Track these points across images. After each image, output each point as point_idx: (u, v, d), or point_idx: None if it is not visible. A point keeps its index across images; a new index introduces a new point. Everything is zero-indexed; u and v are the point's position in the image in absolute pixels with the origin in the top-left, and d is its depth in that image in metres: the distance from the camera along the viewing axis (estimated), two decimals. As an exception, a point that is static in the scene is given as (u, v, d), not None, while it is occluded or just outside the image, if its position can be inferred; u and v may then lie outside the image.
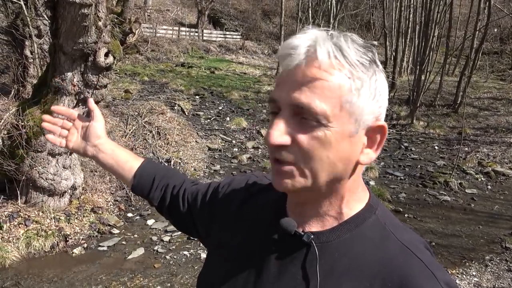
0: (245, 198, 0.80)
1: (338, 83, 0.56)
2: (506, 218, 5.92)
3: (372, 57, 0.59)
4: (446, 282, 0.58)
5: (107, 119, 7.77)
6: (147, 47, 16.56)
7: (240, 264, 0.71)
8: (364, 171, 3.31)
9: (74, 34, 4.09)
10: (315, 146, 0.57)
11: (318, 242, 0.63)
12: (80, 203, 5.03)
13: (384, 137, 0.61)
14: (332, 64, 0.56)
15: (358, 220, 0.64)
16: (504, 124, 11.25)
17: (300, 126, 0.58)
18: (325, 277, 0.61)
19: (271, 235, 0.68)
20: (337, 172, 0.60)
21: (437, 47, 14.13)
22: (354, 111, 0.57)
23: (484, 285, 3.92)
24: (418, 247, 0.63)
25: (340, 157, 0.59)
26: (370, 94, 0.58)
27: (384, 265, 0.60)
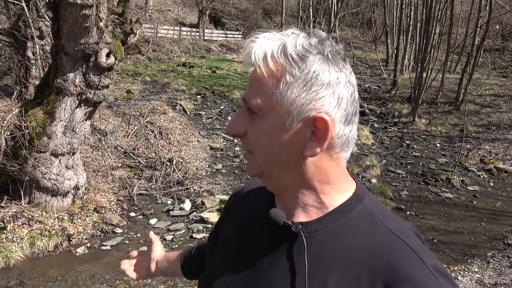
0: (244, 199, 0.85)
1: (271, 79, 0.61)
2: (508, 215, 5.91)
3: (321, 49, 0.62)
4: (434, 267, 0.59)
5: (109, 119, 7.81)
6: (149, 47, 16.59)
7: (235, 259, 0.73)
8: (366, 169, 3.33)
9: (76, 35, 4.12)
10: (258, 136, 0.64)
11: (306, 232, 0.65)
12: (83, 203, 5.06)
13: (328, 130, 0.61)
14: (267, 63, 0.61)
15: (345, 209, 0.65)
16: (506, 121, 11.22)
17: (250, 119, 0.65)
18: (313, 266, 0.62)
19: (263, 227, 0.70)
20: (283, 162, 0.64)
21: (439, 44, 14.10)
22: (284, 103, 0.61)
23: (486, 282, 3.92)
24: (407, 233, 0.64)
25: (280, 147, 0.63)
26: (304, 85, 0.60)
27: (372, 252, 0.61)
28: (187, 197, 5.84)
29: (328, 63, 0.61)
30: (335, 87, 0.61)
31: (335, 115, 0.61)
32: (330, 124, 0.61)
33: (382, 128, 11.23)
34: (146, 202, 5.73)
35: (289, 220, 0.67)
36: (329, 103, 0.61)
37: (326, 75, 0.61)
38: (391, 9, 20.09)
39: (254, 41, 0.63)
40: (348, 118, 0.63)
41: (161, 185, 6.21)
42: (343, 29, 24.11)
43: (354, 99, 0.64)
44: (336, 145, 0.63)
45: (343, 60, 0.64)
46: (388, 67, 18.05)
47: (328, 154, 0.64)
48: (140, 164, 6.76)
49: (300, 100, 0.60)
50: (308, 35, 0.63)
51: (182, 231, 4.91)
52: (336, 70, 0.62)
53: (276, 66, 0.61)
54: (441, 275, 0.59)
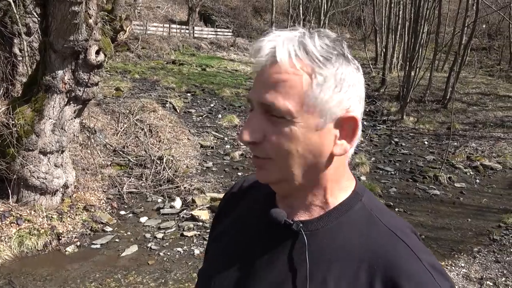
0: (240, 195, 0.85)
1: (299, 80, 0.60)
2: (494, 211, 6.04)
3: (340, 50, 0.62)
4: (431, 264, 0.61)
5: (98, 117, 7.73)
6: (138, 44, 16.46)
7: (234, 256, 0.74)
8: (355, 167, 3.39)
9: (65, 32, 4.08)
10: (284, 141, 0.61)
11: (307, 230, 0.66)
12: (72, 202, 5.02)
13: (357, 128, 0.63)
14: (293, 63, 0.60)
15: (344, 207, 0.67)
16: (492, 119, 11.43)
17: (270, 123, 0.62)
18: (314, 263, 0.64)
19: (262, 226, 0.71)
20: (310, 164, 0.63)
21: (427, 43, 14.28)
22: (317, 105, 0.60)
23: (473, 276, 4.01)
24: (404, 231, 0.66)
25: (310, 150, 0.62)
26: (335, 87, 0.61)
27: (370, 249, 0.63)
28: (178, 195, 5.84)
29: (349, 64, 0.63)
30: (357, 87, 0.63)
31: (358, 114, 0.64)
32: (359, 122, 0.63)
33: (371, 126, 11.34)
34: (136, 200, 5.71)
35: (289, 218, 0.67)
36: (355, 102, 0.63)
37: (351, 76, 0.62)
38: (380, 7, 20.23)
39: (271, 39, 0.62)
40: (362, 115, 0.66)
41: (151, 183, 6.19)
42: (333, 27, 24.21)
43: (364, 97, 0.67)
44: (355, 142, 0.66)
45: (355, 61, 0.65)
46: (377, 66, 18.20)
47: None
48: (130, 162, 6.72)
49: (333, 101, 0.61)
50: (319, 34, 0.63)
51: (172, 229, 4.91)
52: (355, 70, 0.64)
53: (303, 65, 0.60)
54: (437, 271, 0.61)
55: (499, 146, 9.55)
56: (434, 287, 0.59)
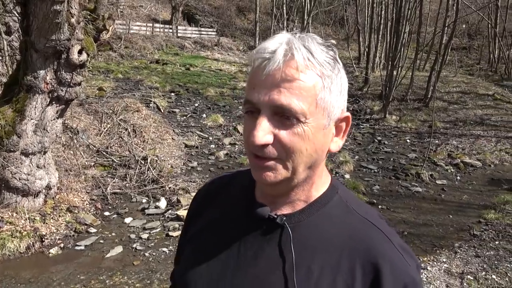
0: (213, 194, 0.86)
1: (312, 83, 0.63)
2: (474, 207, 6.20)
3: (333, 55, 0.67)
4: (400, 245, 0.69)
5: (81, 118, 7.62)
6: (121, 44, 16.26)
7: (215, 254, 0.75)
8: (339, 165, 3.46)
9: (46, 31, 4.01)
10: (296, 141, 0.64)
11: (290, 223, 0.70)
12: (55, 203, 4.94)
13: (349, 125, 0.70)
14: (307, 65, 0.62)
15: (323, 200, 0.72)
16: (472, 117, 11.71)
17: (281, 124, 0.64)
18: (299, 253, 0.68)
19: (244, 221, 0.74)
20: (312, 162, 0.68)
21: (408, 43, 14.51)
22: (326, 107, 0.65)
23: (454, 271, 4.11)
24: (376, 218, 0.72)
25: (316, 148, 0.66)
26: (337, 90, 0.67)
27: (349, 236, 0.68)
28: (163, 195, 5.80)
29: (341, 68, 0.68)
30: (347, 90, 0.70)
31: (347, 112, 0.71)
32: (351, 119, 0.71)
33: (355, 124, 11.47)
34: (121, 201, 5.65)
35: (272, 212, 0.71)
36: (345, 102, 0.69)
37: (345, 80, 0.69)
38: (363, 7, 20.50)
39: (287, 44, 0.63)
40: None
41: (135, 184, 6.14)
42: (316, 27, 24.40)
43: None
44: None
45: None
46: (360, 65, 18.43)
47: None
48: (113, 163, 6.65)
49: (337, 102, 0.66)
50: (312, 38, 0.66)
51: (158, 229, 4.88)
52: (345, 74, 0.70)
53: (315, 70, 0.63)
54: (406, 252, 0.69)
55: (478, 143, 9.80)
56: (404, 265, 0.66)
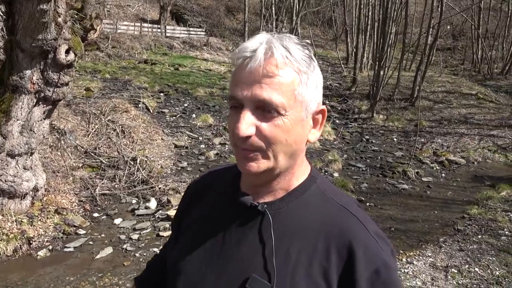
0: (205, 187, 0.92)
1: (290, 78, 0.69)
2: (458, 203, 6.33)
3: (309, 53, 0.72)
4: (375, 231, 0.73)
5: (68, 118, 7.56)
6: (108, 43, 16.12)
7: (205, 241, 0.81)
8: (328, 164, 3.54)
9: (33, 31, 3.98)
10: (276, 132, 0.69)
11: (271, 210, 0.75)
12: (43, 205, 4.90)
13: (325, 117, 0.76)
14: (285, 63, 0.68)
15: (302, 189, 0.77)
16: (456, 116, 11.93)
17: (263, 117, 0.69)
18: (279, 238, 0.73)
19: (230, 210, 0.79)
20: (292, 152, 0.73)
21: (395, 43, 14.72)
22: (304, 101, 0.71)
23: (439, 265, 4.21)
24: (352, 206, 0.77)
25: (295, 139, 0.72)
26: (313, 85, 0.72)
27: (326, 223, 0.73)
28: (153, 196, 5.80)
29: (316, 65, 0.74)
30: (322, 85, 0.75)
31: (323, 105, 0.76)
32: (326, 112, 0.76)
33: (343, 124, 11.59)
34: (110, 202, 5.63)
35: (255, 201, 0.76)
36: (321, 96, 0.74)
37: (320, 76, 0.74)
38: (351, 8, 20.69)
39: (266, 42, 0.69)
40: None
41: (125, 185, 6.11)
42: (305, 27, 24.53)
43: None
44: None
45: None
46: (348, 65, 18.60)
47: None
48: (102, 164, 6.61)
49: (313, 97, 0.72)
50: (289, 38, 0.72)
51: (148, 229, 4.88)
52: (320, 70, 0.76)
53: (293, 67, 0.69)
54: (380, 237, 0.73)
55: (463, 141, 10.00)
56: (377, 249, 0.70)
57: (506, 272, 4.03)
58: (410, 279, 3.90)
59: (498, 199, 6.22)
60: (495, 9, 23.26)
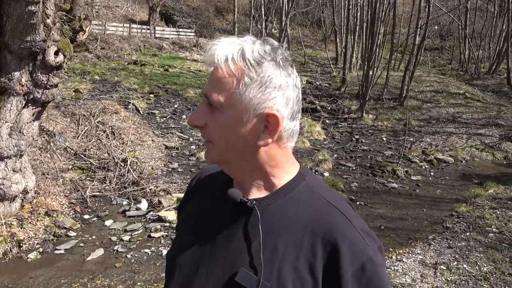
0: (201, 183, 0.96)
1: (230, 79, 0.72)
2: (446, 201, 6.44)
3: (274, 56, 0.73)
4: (361, 228, 0.75)
5: (57, 120, 7.49)
6: (97, 45, 16.00)
7: (198, 235, 0.84)
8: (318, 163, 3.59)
9: (21, 32, 3.95)
10: (217, 128, 0.75)
11: (260, 206, 0.77)
12: (33, 207, 4.86)
13: (278, 124, 0.74)
14: (228, 66, 0.72)
15: (290, 186, 0.79)
16: (444, 115, 12.11)
17: (209, 112, 0.75)
18: (267, 233, 0.75)
19: (222, 206, 0.82)
20: (241, 151, 0.76)
21: (383, 43, 14.87)
22: (242, 101, 0.72)
23: (428, 262, 4.28)
24: (341, 203, 0.79)
25: (238, 138, 0.74)
26: (259, 87, 0.72)
27: (313, 219, 0.75)
28: (143, 197, 5.78)
29: (279, 69, 0.73)
30: (284, 90, 0.74)
31: (283, 113, 0.74)
32: (280, 119, 0.73)
33: (333, 124, 11.69)
34: (101, 204, 5.60)
35: (244, 197, 0.78)
36: (280, 103, 0.73)
37: (278, 79, 0.73)
38: (339, 9, 20.83)
39: (217, 44, 0.73)
40: (294, 115, 0.76)
41: (115, 186, 6.08)
42: (294, 28, 24.64)
43: (298, 99, 0.77)
44: (284, 137, 0.77)
45: (291, 66, 0.76)
46: (338, 65, 18.74)
47: (277, 144, 0.77)
48: (92, 166, 6.56)
49: (256, 99, 0.72)
50: (263, 42, 0.74)
51: (139, 231, 4.87)
52: (286, 75, 0.74)
53: (236, 68, 0.71)
54: (366, 234, 0.74)
55: (451, 140, 10.16)
56: (363, 246, 0.72)
57: (494, 268, 4.12)
58: (400, 276, 3.96)
59: (486, 197, 6.34)
60: (482, 10, 23.66)
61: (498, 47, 18.48)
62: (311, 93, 14.16)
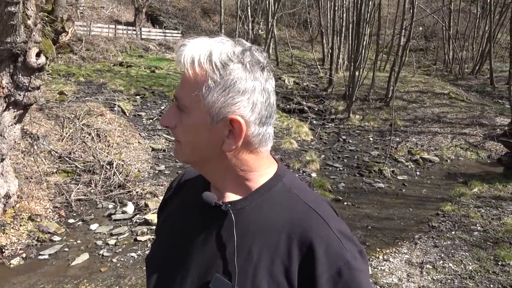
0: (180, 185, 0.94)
1: (194, 82, 0.70)
2: (432, 200, 6.52)
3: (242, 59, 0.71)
4: (339, 230, 0.72)
5: (41, 123, 7.36)
6: (81, 46, 15.79)
7: (175, 239, 0.82)
8: (306, 164, 3.59)
9: (1, 33, 3.86)
10: (183, 130, 0.74)
11: (234, 209, 0.75)
12: (15, 212, 4.75)
13: (241, 130, 0.71)
14: (194, 68, 0.70)
15: (266, 188, 0.77)
16: (430, 115, 12.27)
17: (179, 114, 0.74)
18: (241, 237, 0.73)
19: (198, 209, 0.80)
20: (206, 154, 0.75)
21: (369, 45, 15.01)
22: (205, 105, 0.70)
23: (414, 261, 4.32)
24: (319, 204, 0.76)
25: (203, 141, 0.73)
26: (223, 90, 0.70)
27: (289, 220, 0.73)
28: (130, 200, 5.71)
29: (245, 72, 0.70)
30: (250, 94, 0.70)
31: (249, 118, 0.71)
32: (244, 125, 0.71)
33: (320, 124, 11.74)
34: (86, 208, 5.51)
35: (220, 200, 0.76)
36: (244, 107, 0.70)
37: (242, 83, 0.70)
38: (325, 10, 20.97)
39: (185, 45, 0.71)
40: (263, 120, 0.73)
41: (101, 189, 6.00)
42: (281, 29, 24.71)
43: (269, 104, 0.73)
44: (254, 142, 0.74)
45: (261, 69, 0.72)
46: (325, 66, 18.85)
47: (247, 149, 0.74)
48: (77, 169, 6.46)
49: (219, 103, 0.70)
50: (235, 43, 0.72)
51: (125, 234, 4.81)
52: (252, 79, 0.71)
53: (201, 71, 0.70)
54: (344, 236, 0.72)
55: (436, 140, 10.30)
56: (340, 249, 0.69)
57: (479, 266, 4.17)
58: (386, 276, 3.98)
59: (471, 196, 6.44)
60: (465, 11, 24.08)
61: (481, 48, 18.85)
62: (298, 94, 14.22)
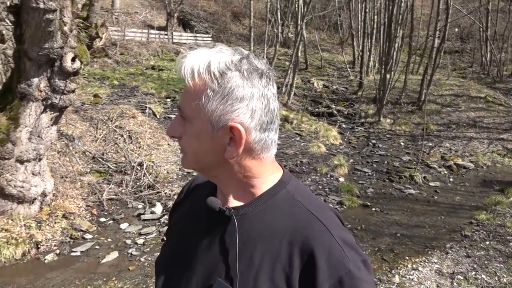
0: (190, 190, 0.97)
1: (194, 92, 0.72)
2: (466, 208, 6.27)
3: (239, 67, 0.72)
4: (342, 238, 0.72)
5: (76, 124, 7.66)
6: (116, 50, 16.32)
7: (182, 243, 0.85)
8: (334, 168, 3.55)
9: (39, 40, 4.07)
10: (187, 139, 0.76)
11: (238, 214, 0.76)
12: (51, 210, 4.97)
13: (241, 137, 0.72)
14: (194, 78, 0.72)
15: (270, 194, 0.77)
16: (465, 120, 11.83)
17: (183, 124, 0.76)
18: (244, 242, 0.74)
19: (204, 214, 0.81)
20: (209, 162, 0.76)
21: (401, 47, 14.67)
22: (206, 113, 0.72)
23: (445, 271, 4.17)
24: (322, 211, 0.76)
25: (205, 149, 0.75)
26: (222, 99, 0.71)
27: (291, 227, 0.73)
28: (158, 201, 5.84)
29: (243, 80, 0.71)
30: (248, 101, 0.71)
31: (249, 124, 0.72)
32: (243, 132, 0.72)
33: (350, 128, 11.57)
34: (117, 207, 5.69)
35: (224, 206, 0.77)
36: (244, 114, 0.71)
37: (240, 91, 0.71)
38: (356, 12, 20.67)
39: (185, 57, 0.73)
40: (264, 126, 0.74)
41: (131, 190, 6.17)
42: (311, 32, 24.57)
43: (269, 110, 0.74)
44: (256, 149, 0.74)
45: (260, 76, 0.73)
46: (355, 69, 18.57)
47: (249, 156, 0.75)
48: (109, 169, 6.68)
49: (218, 111, 0.71)
50: (234, 51, 0.73)
51: (153, 234, 4.92)
52: (250, 85, 0.71)
53: (200, 81, 0.72)
54: (347, 245, 0.71)
55: (471, 145, 9.91)
56: (342, 257, 0.68)
57: (514, 278, 3.98)
58: (414, 286, 3.87)
59: (507, 204, 6.15)
60: (504, 11, 23.06)
61: (522, 50, 17.98)
62: (327, 97, 14.07)
